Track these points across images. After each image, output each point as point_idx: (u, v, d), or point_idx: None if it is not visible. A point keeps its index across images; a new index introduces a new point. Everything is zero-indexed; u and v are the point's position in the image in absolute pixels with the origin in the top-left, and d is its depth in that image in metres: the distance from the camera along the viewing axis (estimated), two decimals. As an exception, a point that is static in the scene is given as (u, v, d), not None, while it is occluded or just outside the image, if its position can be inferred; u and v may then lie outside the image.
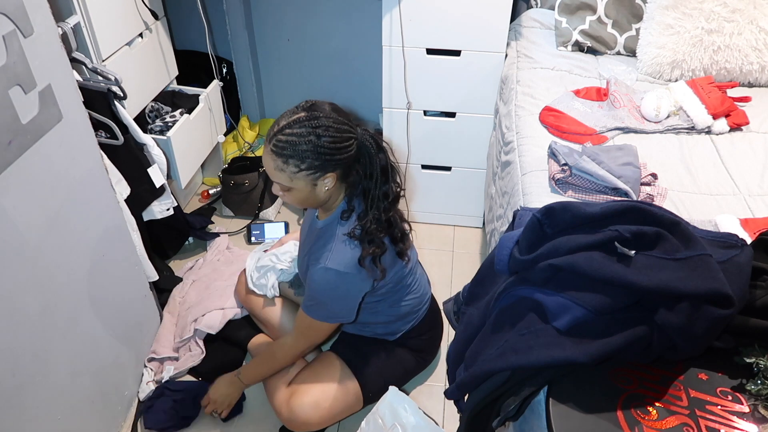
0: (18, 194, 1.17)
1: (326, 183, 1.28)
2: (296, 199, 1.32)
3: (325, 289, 1.36)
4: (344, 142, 1.24)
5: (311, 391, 1.51)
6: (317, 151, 1.22)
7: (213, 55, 2.27)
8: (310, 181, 1.26)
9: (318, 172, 1.25)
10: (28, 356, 1.26)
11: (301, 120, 1.22)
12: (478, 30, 1.89)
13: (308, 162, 1.23)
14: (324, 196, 1.32)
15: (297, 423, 1.51)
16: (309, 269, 1.39)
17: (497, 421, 1.00)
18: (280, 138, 1.22)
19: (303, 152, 1.22)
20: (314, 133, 1.21)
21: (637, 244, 0.92)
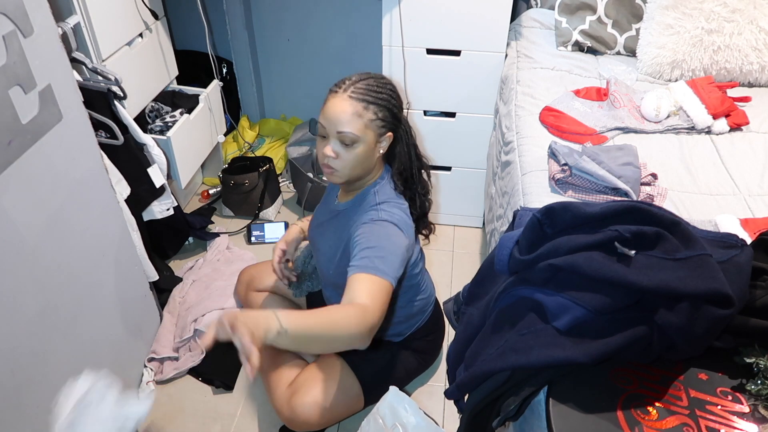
0: (18, 194, 1.17)
1: (383, 144, 1.30)
2: (354, 158, 1.27)
3: (387, 234, 1.26)
4: (401, 107, 1.31)
5: (312, 391, 1.51)
6: (392, 104, 1.27)
7: (213, 55, 2.27)
8: (376, 136, 1.28)
9: (386, 127, 1.28)
10: (28, 356, 1.26)
11: (369, 75, 1.29)
12: (478, 30, 1.89)
13: (384, 112, 1.26)
14: (374, 162, 1.32)
15: (298, 422, 1.51)
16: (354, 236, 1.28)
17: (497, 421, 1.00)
18: (360, 86, 1.25)
19: (384, 100, 1.26)
20: (387, 89, 1.28)
21: (637, 244, 0.92)
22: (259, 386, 1.78)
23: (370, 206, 1.33)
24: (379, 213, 1.30)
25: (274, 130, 2.79)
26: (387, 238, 1.26)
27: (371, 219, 1.29)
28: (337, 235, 1.42)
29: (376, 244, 1.23)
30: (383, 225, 1.28)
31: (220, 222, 2.42)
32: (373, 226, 1.27)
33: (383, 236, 1.26)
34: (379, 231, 1.26)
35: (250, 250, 2.29)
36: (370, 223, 1.28)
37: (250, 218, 2.39)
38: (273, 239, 2.32)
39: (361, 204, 1.37)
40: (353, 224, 1.33)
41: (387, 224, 1.28)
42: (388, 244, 1.24)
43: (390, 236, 1.26)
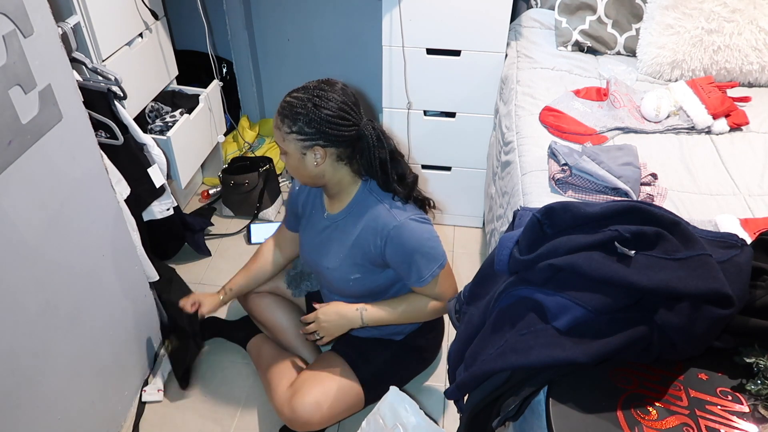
0: (18, 194, 1.17)
1: (316, 156, 1.31)
2: (289, 167, 1.37)
3: (418, 237, 1.36)
4: (340, 120, 1.28)
5: (313, 391, 1.51)
6: (309, 118, 1.27)
7: (213, 55, 2.27)
8: (300, 147, 1.31)
9: (307, 141, 1.29)
10: (28, 356, 1.26)
11: (307, 87, 1.31)
12: (478, 30, 1.89)
13: (299, 126, 1.28)
14: (315, 171, 1.34)
15: (299, 423, 1.51)
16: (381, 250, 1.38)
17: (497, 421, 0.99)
18: (286, 99, 1.32)
19: (297, 115, 1.28)
20: (313, 102, 1.27)
21: (637, 244, 0.92)
22: (259, 386, 1.78)
23: (377, 213, 1.37)
24: (394, 218, 1.36)
25: (274, 130, 2.79)
26: (421, 240, 1.37)
27: (395, 225, 1.35)
28: (342, 243, 1.44)
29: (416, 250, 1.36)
30: (409, 226, 1.35)
31: (219, 222, 2.42)
32: (403, 230, 1.35)
33: (417, 239, 1.36)
34: (411, 234, 1.35)
35: (250, 250, 2.29)
36: (396, 228, 1.35)
37: (249, 218, 2.39)
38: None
39: (361, 206, 1.40)
40: (368, 234, 1.38)
41: (411, 223, 1.36)
42: (426, 247, 1.37)
43: (421, 232, 1.37)
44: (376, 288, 1.49)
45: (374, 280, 1.47)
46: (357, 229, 1.41)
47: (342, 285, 1.49)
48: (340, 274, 1.47)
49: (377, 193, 1.40)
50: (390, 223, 1.35)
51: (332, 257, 1.47)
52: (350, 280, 1.47)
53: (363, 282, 1.47)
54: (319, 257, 1.51)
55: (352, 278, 1.46)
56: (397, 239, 1.36)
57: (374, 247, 1.39)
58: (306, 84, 1.32)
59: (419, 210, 1.42)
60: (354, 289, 1.49)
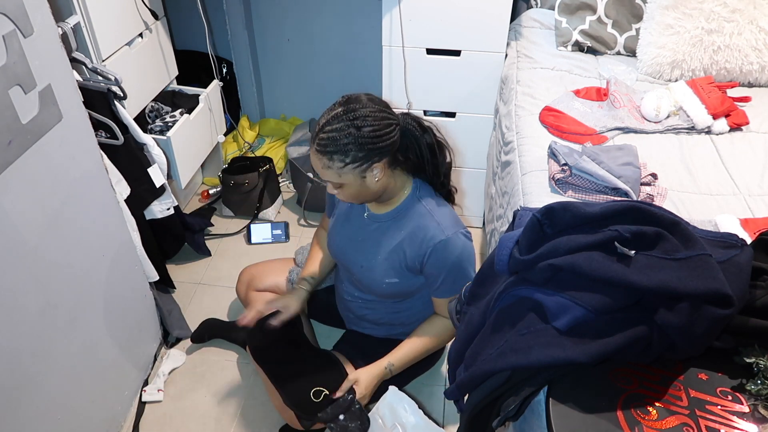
0: (18, 194, 1.17)
1: (375, 174, 1.28)
2: (350, 195, 1.32)
3: (460, 256, 1.36)
4: (385, 128, 1.25)
5: None
6: (359, 143, 1.22)
7: (213, 55, 2.27)
8: (358, 174, 1.26)
9: (364, 164, 1.25)
10: (28, 356, 1.26)
11: (339, 115, 1.23)
12: (478, 30, 1.89)
13: (352, 155, 1.23)
14: (377, 187, 1.32)
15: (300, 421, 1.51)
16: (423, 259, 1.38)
17: (497, 421, 0.99)
18: (322, 136, 1.23)
19: (345, 146, 1.22)
20: (353, 125, 1.22)
21: (637, 244, 0.92)
22: (259, 386, 1.78)
23: (423, 219, 1.37)
24: (443, 229, 1.35)
25: (274, 130, 2.79)
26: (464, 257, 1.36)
27: (443, 238, 1.34)
28: (382, 245, 1.43)
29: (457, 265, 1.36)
30: (457, 240, 1.35)
31: (219, 222, 2.42)
32: (451, 244, 1.34)
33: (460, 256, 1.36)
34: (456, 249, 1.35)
35: (250, 250, 2.29)
36: (443, 243, 1.34)
37: (249, 218, 2.39)
38: (272, 239, 2.32)
39: (407, 212, 1.40)
40: (413, 243, 1.37)
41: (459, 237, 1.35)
42: (467, 264, 1.37)
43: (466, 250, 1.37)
44: (406, 291, 1.50)
45: (408, 285, 1.47)
46: (401, 235, 1.40)
47: (374, 285, 1.48)
48: (374, 274, 1.45)
49: (426, 201, 1.39)
50: (438, 236, 1.34)
51: (369, 257, 1.45)
52: (384, 283, 1.45)
53: (397, 286, 1.46)
54: (354, 254, 1.49)
55: (387, 282, 1.45)
56: (442, 252, 1.35)
57: (418, 256, 1.38)
58: (334, 113, 1.24)
59: (461, 222, 1.41)
60: (386, 291, 1.48)
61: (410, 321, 1.56)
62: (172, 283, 2.04)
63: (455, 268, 1.37)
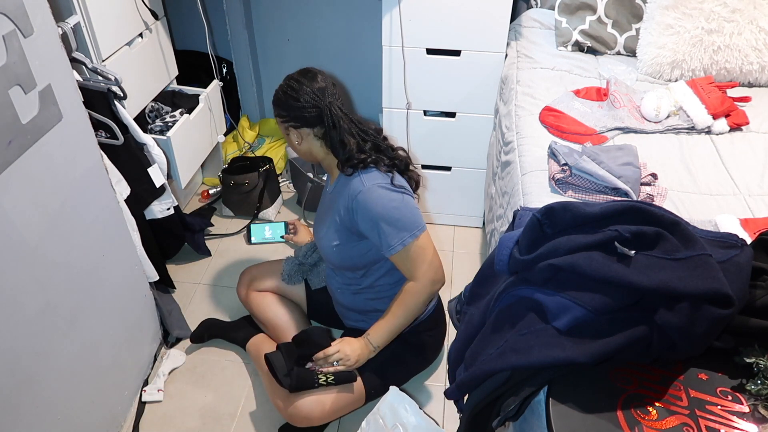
0: (18, 194, 1.17)
1: (292, 134, 1.47)
2: (293, 148, 1.52)
3: (384, 204, 1.40)
4: (306, 105, 1.40)
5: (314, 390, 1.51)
6: (284, 102, 1.44)
7: (213, 55, 2.27)
8: (284, 128, 1.48)
9: (285, 122, 1.46)
10: (28, 356, 1.26)
11: (289, 77, 1.46)
12: (478, 30, 1.89)
13: (278, 111, 1.47)
14: (301, 149, 1.49)
15: (299, 418, 1.51)
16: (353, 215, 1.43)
17: (497, 421, 1.00)
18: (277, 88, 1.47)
19: (278, 100, 1.46)
20: (282, 89, 1.45)
21: (637, 244, 0.92)
22: (259, 386, 1.78)
23: (351, 182, 1.44)
24: (362, 184, 1.41)
25: (274, 130, 2.79)
26: (387, 207, 1.39)
27: (362, 190, 1.40)
28: (330, 215, 1.51)
29: (383, 217, 1.39)
30: (374, 191, 1.40)
31: (219, 222, 2.42)
32: (368, 196, 1.40)
33: (383, 206, 1.39)
34: (377, 200, 1.39)
35: (250, 250, 2.29)
36: (363, 193, 1.40)
37: (249, 218, 2.39)
38: (272, 239, 2.32)
39: (343, 183, 1.47)
40: (344, 200, 1.45)
41: (375, 188, 1.40)
42: (394, 213, 1.39)
43: (388, 200, 1.40)
44: (359, 259, 1.52)
45: (353, 249, 1.50)
46: (339, 198, 1.48)
47: (327, 253, 1.55)
48: (325, 242, 1.54)
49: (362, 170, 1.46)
50: (357, 188, 1.41)
51: (322, 226, 1.56)
52: (332, 247, 1.51)
53: (343, 250, 1.51)
54: (317, 227, 1.61)
55: (333, 245, 1.51)
56: (364, 204, 1.40)
57: (346, 213, 1.45)
58: (295, 72, 1.46)
59: (401, 181, 1.46)
60: (337, 259, 1.53)
61: (375, 306, 1.59)
62: (172, 283, 2.04)
63: (383, 219, 1.39)
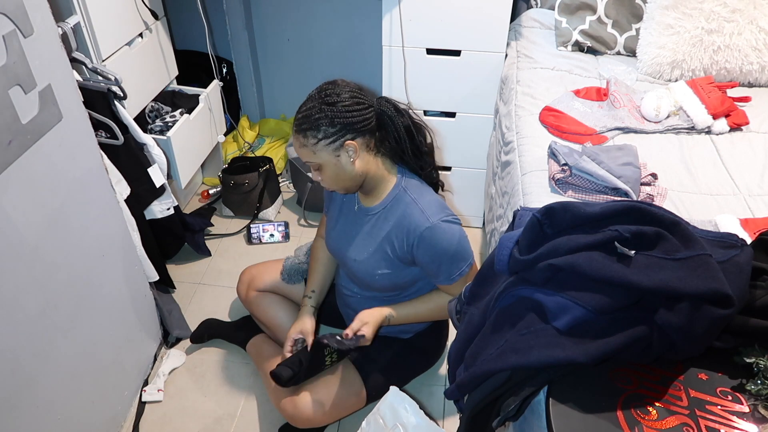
0: (18, 194, 1.17)
1: (349, 153, 1.29)
2: (329, 177, 1.34)
3: (450, 240, 1.36)
4: (356, 106, 1.28)
5: (316, 388, 1.52)
6: (329, 117, 1.25)
7: (213, 55, 2.27)
8: (332, 151, 1.29)
9: (336, 139, 1.27)
10: (28, 356, 1.26)
11: (312, 96, 1.30)
12: (478, 30, 1.89)
13: (323, 130, 1.26)
14: (354, 170, 1.33)
15: (300, 420, 1.51)
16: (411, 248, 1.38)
17: (497, 421, 0.99)
18: (298, 117, 1.29)
19: (317, 121, 1.26)
20: (324, 101, 1.26)
21: (637, 244, 0.92)
22: (259, 386, 1.78)
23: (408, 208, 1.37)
24: (428, 217, 1.35)
25: (274, 130, 2.79)
26: (452, 243, 1.36)
27: (428, 225, 1.34)
28: (376, 242, 1.44)
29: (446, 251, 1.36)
30: (442, 227, 1.34)
31: (219, 222, 2.42)
32: (436, 231, 1.34)
33: (449, 242, 1.35)
34: (444, 236, 1.35)
35: (250, 250, 2.29)
36: (429, 229, 1.34)
37: (249, 218, 2.39)
38: (272, 239, 2.32)
39: (394, 204, 1.41)
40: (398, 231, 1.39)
41: (443, 224, 1.35)
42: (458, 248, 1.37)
43: (454, 235, 1.36)
44: (401, 283, 1.50)
45: (401, 276, 1.47)
46: (388, 226, 1.41)
47: (367, 278, 1.48)
48: (366, 267, 1.46)
49: (412, 191, 1.39)
50: (422, 224, 1.34)
51: (361, 250, 1.46)
52: (376, 275, 1.46)
53: (389, 277, 1.46)
54: (347, 248, 1.50)
55: (379, 273, 1.45)
56: (429, 241, 1.35)
57: (406, 246, 1.39)
58: (310, 94, 1.31)
59: (447, 208, 1.41)
60: (379, 284, 1.49)
61: None
62: (172, 283, 2.05)
63: (448, 253, 1.38)
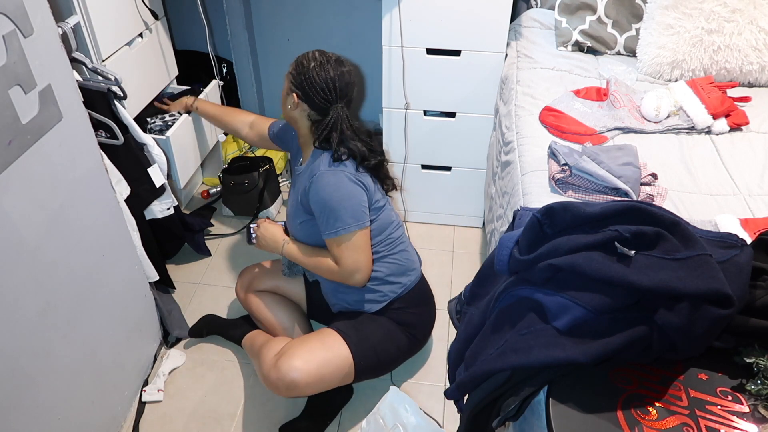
0: (18, 194, 1.17)
1: (291, 99, 1.52)
2: (282, 105, 1.58)
3: (329, 192, 1.46)
4: (320, 90, 1.46)
5: (299, 352, 1.50)
6: (303, 72, 1.48)
7: (213, 55, 2.27)
8: (287, 86, 1.53)
9: (292, 85, 1.50)
10: (28, 356, 1.26)
11: (325, 53, 1.51)
12: (478, 30, 1.89)
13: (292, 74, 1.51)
14: (289, 113, 1.55)
15: (284, 384, 1.47)
16: (307, 194, 1.51)
17: (497, 421, 1.00)
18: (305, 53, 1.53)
19: (299, 63, 1.50)
20: (315, 61, 1.48)
21: (637, 244, 0.92)
22: (259, 386, 1.78)
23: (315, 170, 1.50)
24: (320, 171, 1.48)
25: (274, 130, 2.79)
26: (331, 196, 1.46)
27: (316, 176, 1.47)
28: (296, 191, 1.61)
29: (324, 204, 1.47)
30: (325, 178, 1.46)
31: (219, 222, 2.42)
32: (318, 182, 1.47)
33: (328, 195, 1.46)
34: (324, 187, 1.46)
35: (250, 250, 2.29)
36: (316, 179, 1.47)
37: (249, 218, 2.39)
38: (273, 239, 2.32)
39: (312, 165, 1.54)
40: (306, 178, 1.53)
41: (328, 175, 1.46)
42: (334, 203, 1.46)
43: (334, 190, 1.46)
44: (320, 237, 1.54)
45: (315, 227, 1.54)
46: (306, 178, 1.54)
47: (294, 231, 1.64)
48: (292, 219, 1.63)
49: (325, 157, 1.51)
50: (317, 169, 1.49)
51: (291, 203, 1.64)
52: (298, 225, 1.60)
53: (306, 227, 1.58)
54: (287, 207, 1.69)
55: (298, 222, 1.59)
56: (316, 185, 1.48)
57: (303, 191, 1.53)
58: (321, 50, 1.52)
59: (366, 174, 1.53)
60: (301, 236, 1.61)
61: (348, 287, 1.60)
62: (172, 283, 2.05)
63: (327, 205, 1.47)
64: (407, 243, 1.70)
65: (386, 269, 1.60)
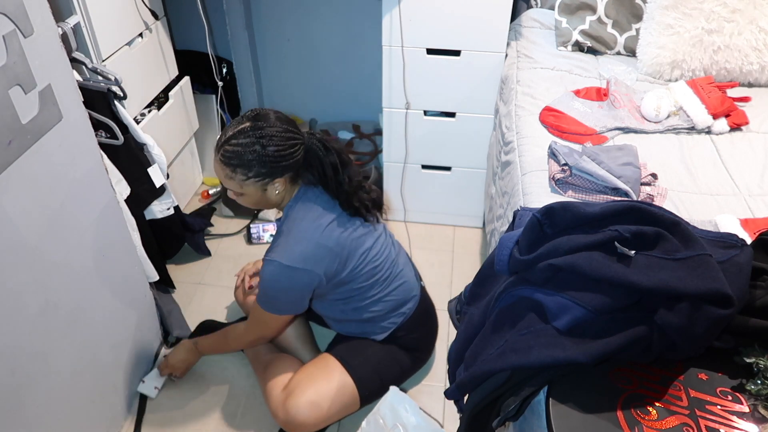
0: (18, 194, 1.17)
1: (276, 187, 1.37)
2: (249, 202, 1.41)
3: (270, 281, 1.40)
4: (289, 149, 1.32)
5: (307, 392, 1.51)
6: (262, 160, 1.30)
7: (213, 55, 2.27)
8: (259, 186, 1.36)
9: (266, 179, 1.34)
10: (28, 356, 1.26)
11: (245, 130, 1.30)
12: (478, 30, 1.89)
13: (255, 170, 1.31)
14: (276, 198, 1.41)
15: (294, 425, 1.51)
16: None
17: (497, 421, 1.00)
18: (227, 148, 1.31)
19: (249, 162, 1.30)
20: (259, 143, 1.29)
21: (637, 244, 0.92)
22: (258, 387, 1.78)
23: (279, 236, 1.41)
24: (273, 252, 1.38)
25: (274, 130, 2.79)
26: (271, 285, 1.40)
27: (267, 258, 1.38)
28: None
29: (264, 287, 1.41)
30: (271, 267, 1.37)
31: (219, 222, 2.42)
32: (266, 267, 1.38)
33: (268, 282, 1.39)
34: (268, 275, 1.38)
35: (250, 250, 2.29)
36: (266, 263, 1.38)
37: (249, 218, 2.39)
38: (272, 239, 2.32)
39: (285, 218, 1.45)
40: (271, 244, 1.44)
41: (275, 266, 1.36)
42: (272, 291, 1.41)
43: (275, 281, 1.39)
44: None
45: None
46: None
47: None
48: None
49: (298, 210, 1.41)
50: (267, 252, 1.40)
51: None
52: None
53: None
54: None
55: None
56: (263, 268, 1.40)
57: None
58: (241, 127, 1.31)
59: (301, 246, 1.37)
60: None
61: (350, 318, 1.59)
62: (172, 283, 2.05)
63: (262, 285, 1.42)
64: (404, 272, 1.61)
65: (382, 307, 1.57)
